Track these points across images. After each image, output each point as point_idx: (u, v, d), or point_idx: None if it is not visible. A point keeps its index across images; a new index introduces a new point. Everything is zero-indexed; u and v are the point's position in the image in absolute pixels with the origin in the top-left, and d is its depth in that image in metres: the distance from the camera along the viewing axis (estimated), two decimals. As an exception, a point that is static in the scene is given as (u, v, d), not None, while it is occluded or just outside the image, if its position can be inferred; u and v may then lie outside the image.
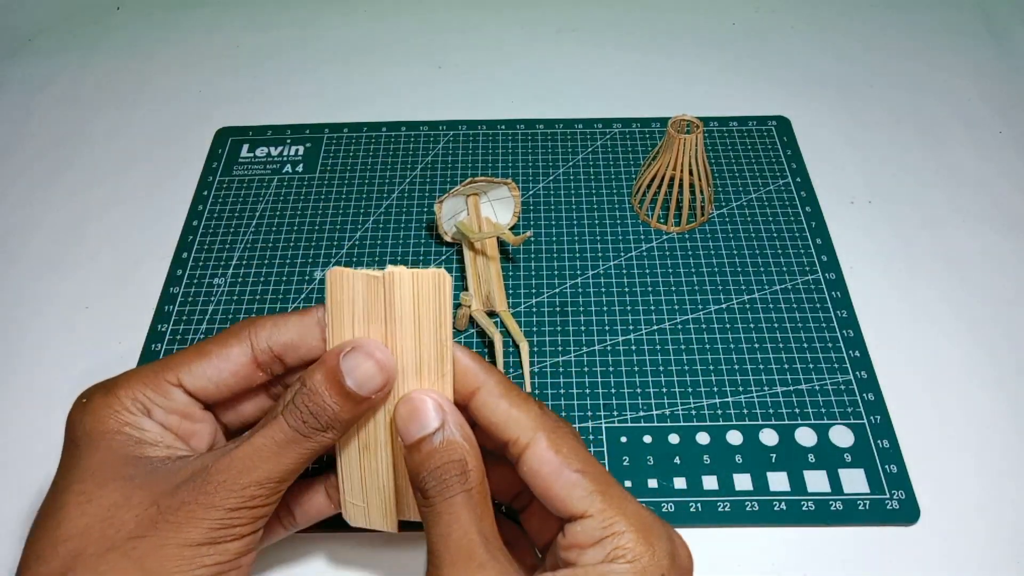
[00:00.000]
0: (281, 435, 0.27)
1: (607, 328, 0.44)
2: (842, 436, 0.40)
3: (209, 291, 0.47)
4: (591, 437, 0.40)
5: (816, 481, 0.38)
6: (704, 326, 0.44)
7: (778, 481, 0.38)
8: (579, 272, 0.47)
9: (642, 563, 0.25)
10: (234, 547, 0.27)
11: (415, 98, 0.60)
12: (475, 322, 0.44)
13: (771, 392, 0.42)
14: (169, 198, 0.53)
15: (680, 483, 0.38)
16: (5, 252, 0.51)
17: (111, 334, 0.45)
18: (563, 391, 0.42)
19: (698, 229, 0.49)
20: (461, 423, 0.28)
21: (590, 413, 0.41)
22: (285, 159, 0.55)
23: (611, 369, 0.43)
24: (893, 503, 0.37)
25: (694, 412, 0.41)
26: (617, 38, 0.65)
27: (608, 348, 0.44)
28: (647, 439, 0.40)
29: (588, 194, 0.52)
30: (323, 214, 0.51)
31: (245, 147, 0.56)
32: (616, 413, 0.41)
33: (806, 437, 0.40)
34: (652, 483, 0.38)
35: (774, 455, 0.39)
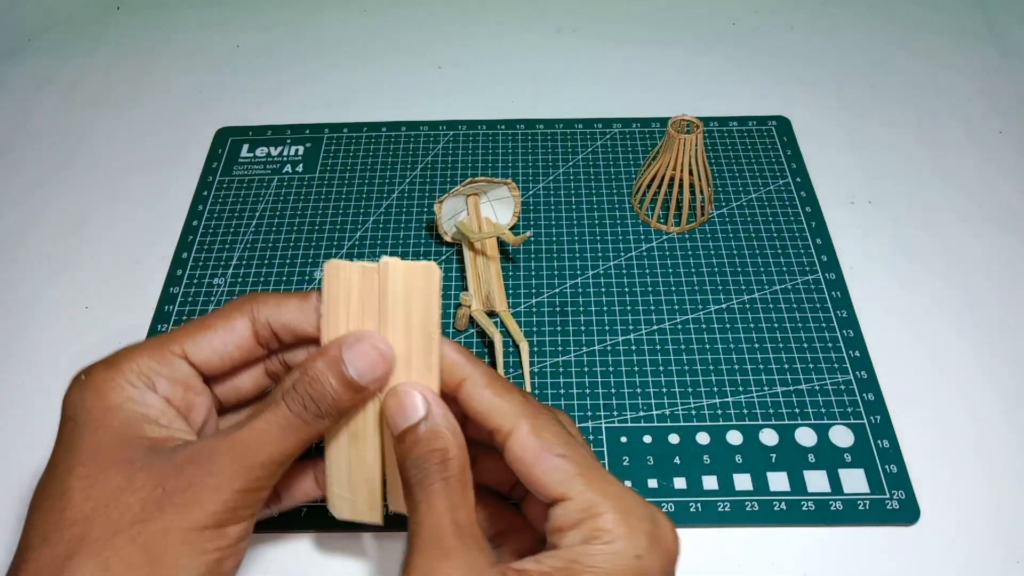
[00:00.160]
0: (283, 419, 0.27)
1: (607, 328, 0.44)
2: (842, 436, 0.40)
3: (209, 291, 0.47)
4: (591, 437, 0.40)
5: (816, 481, 0.38)
6: (704, 326, 0.44)
7: (778, 481, 0.38)
8: (579, 272, 0.47)
9: (619, 544, 0.25)
10: (235, 531, 0.27)
11: (415, 98, 0.60)
12: (475, 322, 0.44)
13: (771, 392, 0.42)
14: (169, 198, 0.53)
15: (680, 483, 0.38)
16: (5, 252, 0.50)
17: (111, 334, 0.45)
18: (563, 391, 0.42)
19: (698, 229, 0.49)
20: (445, 413, 0.28)
21: (590, 413, 0.41)
22: (285, 159, 0.55)
23: (611, 369, 0.43)
24: (893, 503, 0.37)
25: (694, 412, 0.41)
26: (617, 38, 0.65)
27: (608, 348, 0.44)
28: (647, 439, 0.40)
29: (588, 194, 0.52)
30: (323, 214, 0.51)
31: (245, 147, 0.56)
32: (616, 413, 0.41)
33: (806, 437, 0.40)
34: (652, 483, 0.38)
35: (774, 455, 0.39)
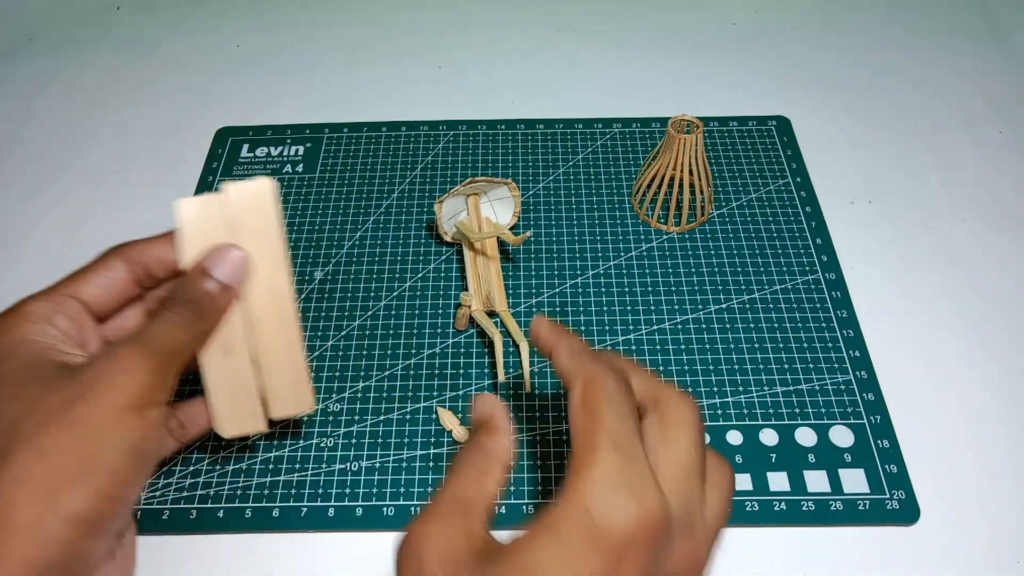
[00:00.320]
0: (173, 319, 0.32)
1: (607, 328, 0.44)
2: (842, 436, 0.40)
3: (209, 291, 0.47)
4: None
5: (816, 481, 0.38)
6: (704, 326, 0.44)
7: (778, 481, 0.38)
8: (579, 272, 0.47)
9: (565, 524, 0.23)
10: (152, 414, 0.30)
11: (415, 98, 0.60)
12: (475, 322, 0.44)
13: (771, 392, 0.42)
14: (169, 198, 0.52)
15: (680, 483, 0.38)
16: (5, 252, 0.51)
17: (111, 334, 0.45)
18: (563, 391, 0.42)
19: (698, 229, 0.49)
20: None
21: (590, 413, 0.41)
22: (285, 159, 0.55)
23: (611, 369, 0.43)
24: (893, 503, 0.37)
25: (694, 412, 0.41)
26: (617, 38, 0.65)
27: (608, 348, 0.44)
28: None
29: (588, 194, 0.52)
30: (323, 214, 0.51)
31: (245, 147, 0.56)
32: (616, 413, 0.41)
33: (806, 437, 0.40)
34: (652, 483, 0.38)
35: (774, 455, 0.39)
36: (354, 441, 0.40)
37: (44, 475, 0.27)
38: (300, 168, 0.54)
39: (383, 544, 0.37)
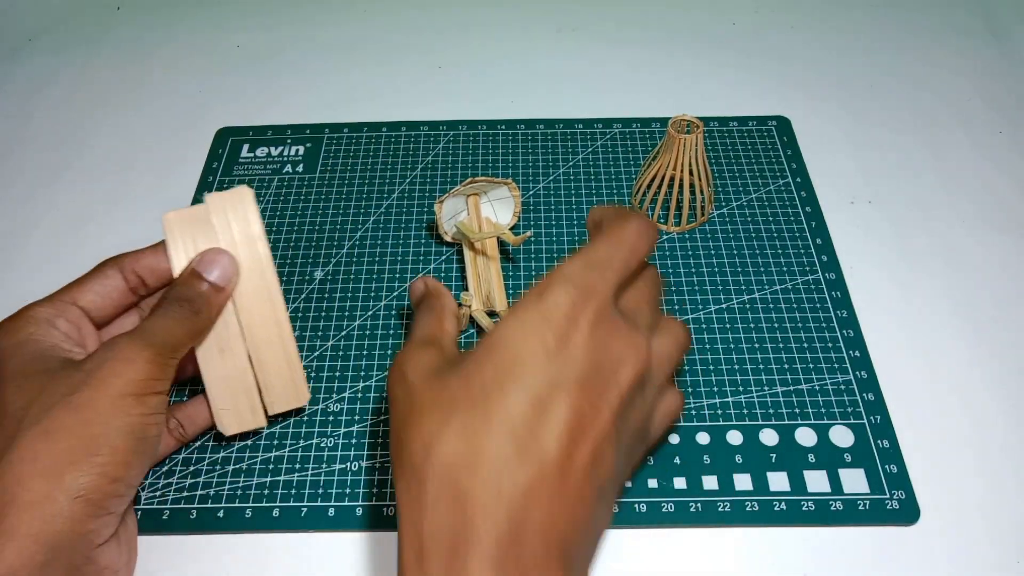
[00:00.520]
0: (170, 315, 0.34)
1: (607, 328, 0.44)
2: (842, 436, 0.40)
3: (209, 291, 0.47)
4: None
5: (816, 481, 0.38)
6: (704, 326, 0.44)
7: (778, 481, 0.38)
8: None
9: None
10: (153, 401, 0.32)
11: (415, 98, 0.60)
12: (475, 322, 0.44)
13: (771, 392, 0.42)
14: (169, 198, 0.53)
15: (680, 483, 0.38)
16: (5, 252, 0.51)
17: (111, 334, 0.45)
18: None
19: (698, 229, 0.49)
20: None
21: (590, 413, 0.41)
22: (285, 159, 0.55)
23: (611, 369, 0.43)
24: (893, 503, 0.37)
25: (694, 412, 0.41)
26: (617, 38, 0.65)
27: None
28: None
29: (588, 194, 0.52)
30: (323, 214, 0.51)
31: (245, 147, 0.56)
32: (616, 413, 0.41)
33: (806, 437, 0.40)
34: (652, 483, 0.38)
35: (774, 455, 0.39)
36: (354, 441, 0.40)
37: (50, 455, 0.29)
38: (300, 168, 0.54)
39: (383, 544, 0.37)
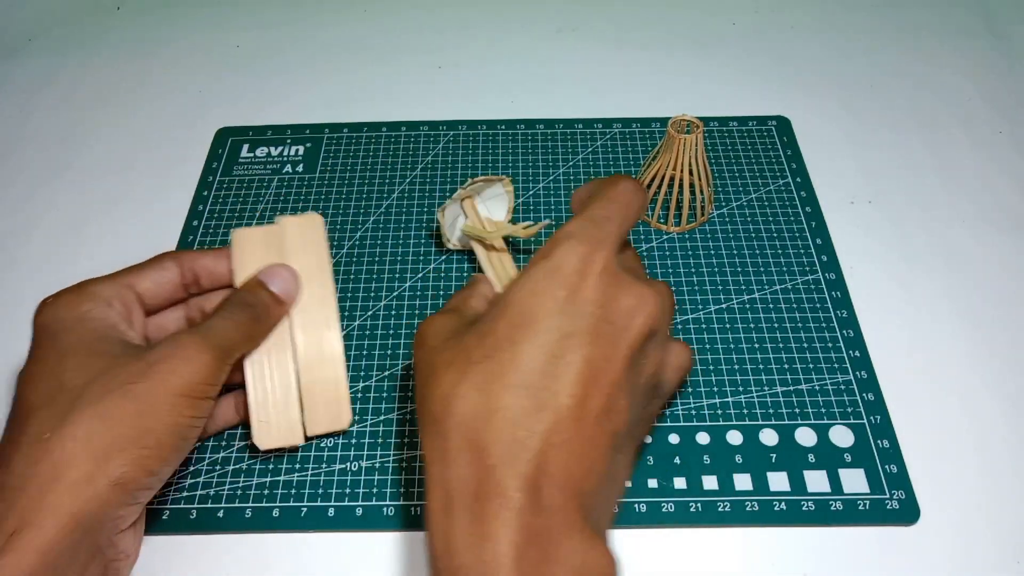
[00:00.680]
0: (232, 318, 0.35)
1: (607, 328, 0.44)
2: (842, 436, 0.40)
3: (209, 291, 0.47)
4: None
5: (816, 481, 0.38)
6: (704, 326, 0.44)
7: (778, 481, 0.38)
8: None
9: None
10: (203, 406, 0.33)
11: (415, 98, 0.60)
12: None
13: (771, 392, 0.42)
14: (169, 198, 0.53)
15: (680, 483, 0.38)
16: (5, 252, 0.51)
17: (111, 334, 0.45)
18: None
19: (698, 229, 0.49)
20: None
21: (590, 413, 0.41)
22: (285, 159, 0.55)
23: (611, 369, 0.43)
24: (893, 503, 0.37)
25: (694, 412, 0.41)
26: (617, 38, 0.65)
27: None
28: (647, 439, 0.40)
29: (588, 194, 0.52)
30: (323, 214, 0.51)
31: (245, 147, 0.56)
32: (616, 413, 0.41)
33: (806, 437, 0.40)
34: (652, 483, 0.38)
35: (774, 455, 0.39)
36: (354, 441, 0.40)
37: (102, 439, 0.30)
38: (300, 168, 0.54)
39: (383, 544, 0.37)
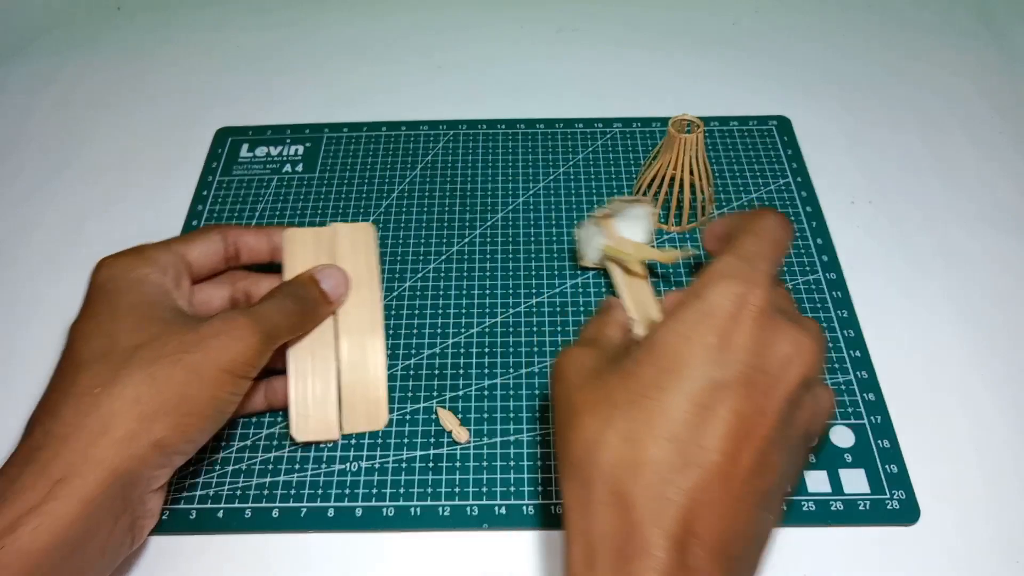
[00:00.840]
0: (282, 306, 0.36)
1: (607, 328, 0.44)
2: (842, 436, 0.40)
3: (209, 291, 0.47)
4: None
5: (816, 481, 0.38)
6: (704, 326, 0.44)
7: (778, 481, 0.38)
8: (579, 272, 0.47)
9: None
10: (243, 384, 0.34)
11: (415, 98, 0.60)
12: None
13: (771, 392, 0.41)
14: (169, 198, 0.53)
15: (680, 483, 0.38)
16: (5, 252, 0.51)
17: (111, 334, 0.45)
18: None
19: (699, 229, 0.49)
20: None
21: (590, 413, 0.41)
22: (285, 159, 0.55)
23: (611, 369, 0.43)
24: (893, 503, 0.37)
25: (694, 412, 0.41)
26: (617, 38, 0.65)
27: (608, 348, 0.43)
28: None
29: (588, 194, 0.52)
30: (323, 214, 0.51)
31: (245, 147, 0.56)
32: (616, 413, 0.41)
33: (806, 437, 0.40)
34: (652, 483, 0.38)
35: (774, 455, 0.39)
36: (354, 441, 0.40)
37: (150, 402, 0.31)
38: (300, 168, 0.54)
39: (383, 544, 0.37)
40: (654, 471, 0.25)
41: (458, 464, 0.39)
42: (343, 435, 0.40)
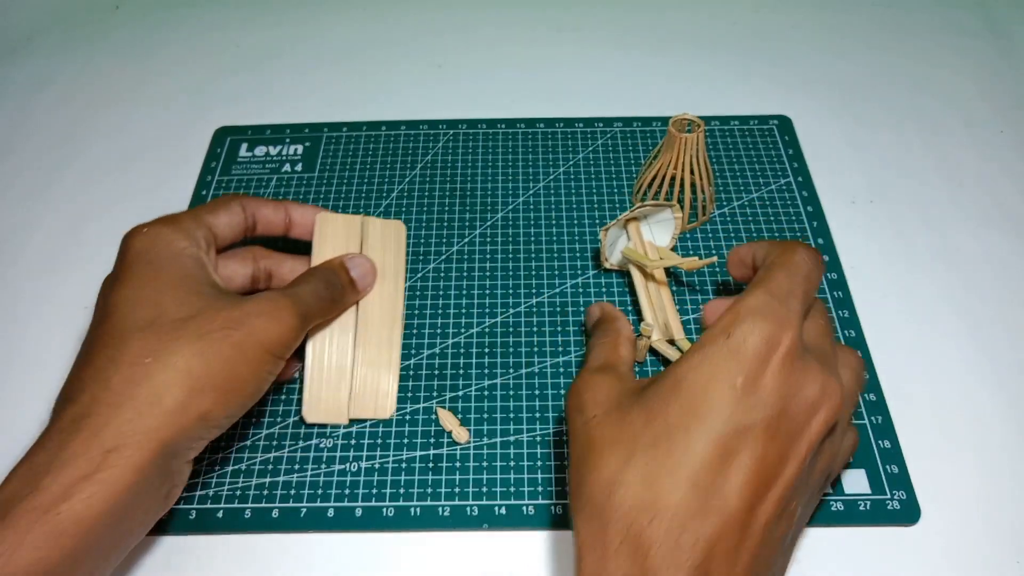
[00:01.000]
0: (316, 290, 0.37)
1: (607, 328, 0.44)
2: (843, 436, 0.40)
3: (209, 291, 0.47)
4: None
5: (817, 481, 0.38)
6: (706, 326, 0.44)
7: (779, 481, 0.38)
8: (580, 272, 0.47)
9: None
10: (279, 364, 0.35)
11: (415, 98, 0.60)
12: (657, 353, 0.42)
13: (772, 392, 0.41)
14: (168, 197, 0.53)
15: (680, 483, 0.38)
16: (5, 252, 0.50)
17: (111, 334, 0.45)
18: (563, 392, 0.42)
19: (699, 228, 0.49)
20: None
21: (590, 413, 0.41)
22: (284, 158, 0.55)
23: (611, 369, 0.42)
24: (894, 503, 0.37)
25: (694, 412, 0.41)
26: (617, 38, 0.65)
27: (608, 348, 0.43)
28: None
29: (589, 193, 0.52)
30: (323, 214, 0.51)
31: (244, 146, 0.56)
32: (616, 413, 0.41)
33: (807, 437, 0.40)
34: (652, 483, 0.38)
35: (775, 455, 0.39)
36: (354, 441, 0.40)
37: (200, 376, 0.31)
38: (299, 168, 0.54)
39: (383, 545, 0.37)
40: (673, 517, 0.25)
41: (458, 464, 0.39)
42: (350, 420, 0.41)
